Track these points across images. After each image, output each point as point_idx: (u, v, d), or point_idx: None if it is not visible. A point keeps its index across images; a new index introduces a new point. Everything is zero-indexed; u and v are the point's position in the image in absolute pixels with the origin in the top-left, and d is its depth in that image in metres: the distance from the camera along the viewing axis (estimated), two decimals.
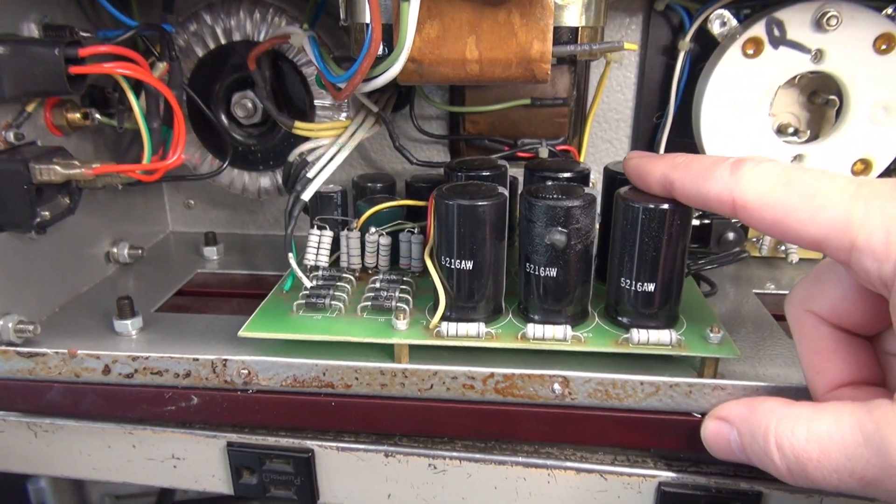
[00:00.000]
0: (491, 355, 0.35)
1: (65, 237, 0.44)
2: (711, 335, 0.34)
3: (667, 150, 0.49)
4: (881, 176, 0.46)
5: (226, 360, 0.35)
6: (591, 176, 0.45)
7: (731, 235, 0.49)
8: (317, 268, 0.43)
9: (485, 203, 0.34)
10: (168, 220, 0.59)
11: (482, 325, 0.35)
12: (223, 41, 0.44)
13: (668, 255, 0.34)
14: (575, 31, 0.33)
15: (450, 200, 0.34)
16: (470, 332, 0.35)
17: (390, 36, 0.33)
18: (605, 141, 0.52)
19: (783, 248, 0.49)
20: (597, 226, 0.35)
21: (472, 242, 0.34)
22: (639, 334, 0.34)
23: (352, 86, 0.34)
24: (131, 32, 0.38)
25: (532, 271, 0.35)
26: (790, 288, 0.32)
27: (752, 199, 0.27)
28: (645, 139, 0.51)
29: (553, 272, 0.34)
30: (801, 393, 0.32)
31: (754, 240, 0.50)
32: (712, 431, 0.30)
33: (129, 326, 0.39)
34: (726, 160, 0.29)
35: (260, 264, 0.51)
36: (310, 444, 0.37)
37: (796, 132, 0.47)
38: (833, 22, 0.41)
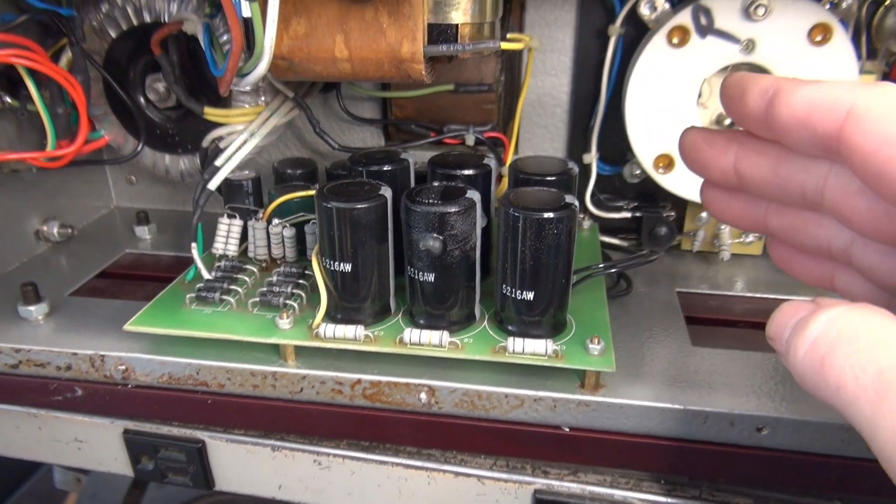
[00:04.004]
0: (376, 357, 0.35)
1: None
2: (591, 346, 0.33)
3: (599, 140, 0.47)
4: None
5: (103, 355, 0.35)
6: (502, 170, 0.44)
7: (662, 230, 0.48)
8: (225, 256, 0.43)
9: (362, 206, 0.33)
10: (112, 195, 0.59)
11: (361, 327, 0.35)
12: (134, 22, 0.43)
13: (547, 264, 0.33)
14: (454, 28, 0.32)
15: (326, 202, 0.33)
16: (347, 334, 0.35)
17: None
18: (541, 126, 0.50)
19: (717, 242, 0.47)
20: (478, 230, 0.34)
21: (350, 245, 0.34)
22: (514, 343, 0.33)
23: (225, 83, 0.33)
24: (22, 18, 0.37)
25: (413, 275, 0.34)
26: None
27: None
28: (581, 126, 0.49)
29: (431, 277, 0.34)
30: (671, 413, 0.32)
31: (690, 234, 0.49)
32: None
33: (34, 312, 0.40)
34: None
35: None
36: (200, 434, 0.38)
37: (732, 125, 0.45)
38: (760, 12, 0.38)
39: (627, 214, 0.49)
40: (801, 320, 0.20)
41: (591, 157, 0.48)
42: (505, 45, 0.32)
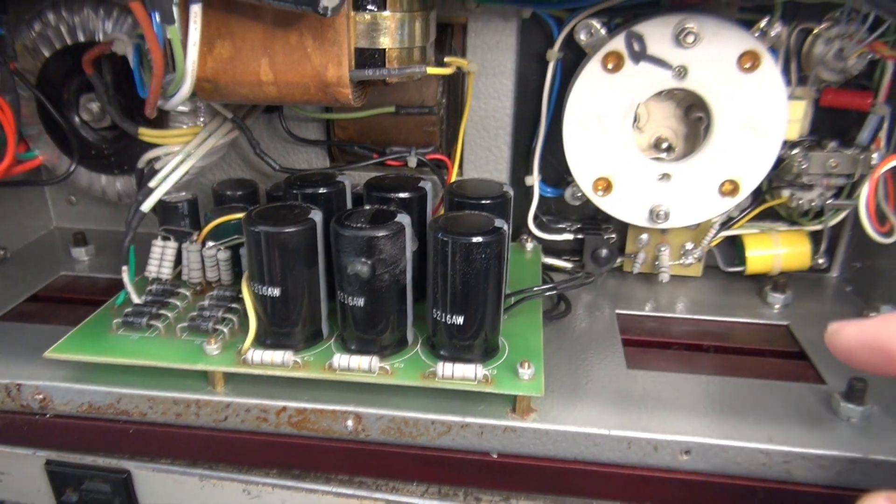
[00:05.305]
0: (308, 383, 0.35)
1: None
2: (521, 371, 0.33)
3: (541, 163, 0.48)
4: (750, 196, 0.45)
5: (20, 384, 0.34)
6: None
7: (603, 252, 0.48)
8: (158, 280, 0.42)
9: (290, 230, 0.33)
10: (52, 215, 0.57)
11: (289, 353, 0.34)
12: (68, 41, 0.43)
13: (477, 288, 0.32)
14: (381, 52, 0.32)
15: (254, 226, 0.33)
16: (276, 360, 0.34)
17: None
18: (485, 149, 0.50)
19: (657, 263, 0.48)
20: (409, 255, 0.34)
21: (278, 269, 0.33)
22: (444, 368, 0.33)
23: (150, 104, 0.32)
24: None
25: (343, 300, 0.34)
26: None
27: None
28: (524, 148, 0.50)
29: (361, 302, 0.33)
30: (596, 439, 0.32)
31: (631, 256, 0.49)
32: None
33: None
34: None
35: None
36: (126, 464, 0.37)
37: (669, 148, 0.45)
38: (690, 39, 0.39)
39: (570, 236, 0.49)
40: None
41: (534, 180, 0.48)
42: (431, 70, 0.32)
